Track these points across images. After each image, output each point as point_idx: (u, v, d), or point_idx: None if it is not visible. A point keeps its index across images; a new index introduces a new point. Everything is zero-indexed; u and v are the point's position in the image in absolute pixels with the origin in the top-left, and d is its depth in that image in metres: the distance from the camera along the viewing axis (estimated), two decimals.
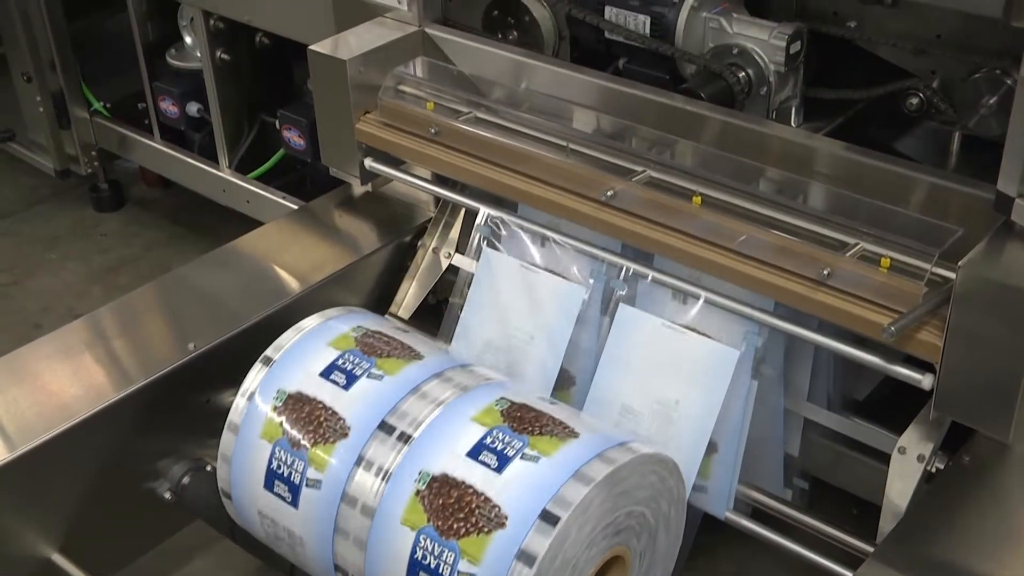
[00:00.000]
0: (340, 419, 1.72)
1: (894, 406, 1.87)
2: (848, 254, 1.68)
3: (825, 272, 1.68)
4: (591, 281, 1.96)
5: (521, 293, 2.01)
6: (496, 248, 2.07)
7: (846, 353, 1.72)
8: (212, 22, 2.90)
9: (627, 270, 1.92)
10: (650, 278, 1.89)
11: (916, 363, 1.67)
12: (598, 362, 1.94)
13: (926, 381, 1.65)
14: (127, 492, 1.96)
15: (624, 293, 1.92)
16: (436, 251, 2.27)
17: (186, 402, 1.98)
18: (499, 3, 2.35)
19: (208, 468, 1.98)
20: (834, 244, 1.71)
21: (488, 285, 2.06)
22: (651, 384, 1.87)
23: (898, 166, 1.81)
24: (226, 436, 1.82)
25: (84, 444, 1.85)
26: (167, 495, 1.98)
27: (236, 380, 1.86)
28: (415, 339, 1.89)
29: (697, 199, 1.82)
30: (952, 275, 1.58)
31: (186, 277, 2.27)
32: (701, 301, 1.84)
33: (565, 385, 2.01)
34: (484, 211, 2.10)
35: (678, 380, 1.85)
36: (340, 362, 1.79)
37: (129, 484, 1.96)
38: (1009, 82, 1.87)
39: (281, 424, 1.76)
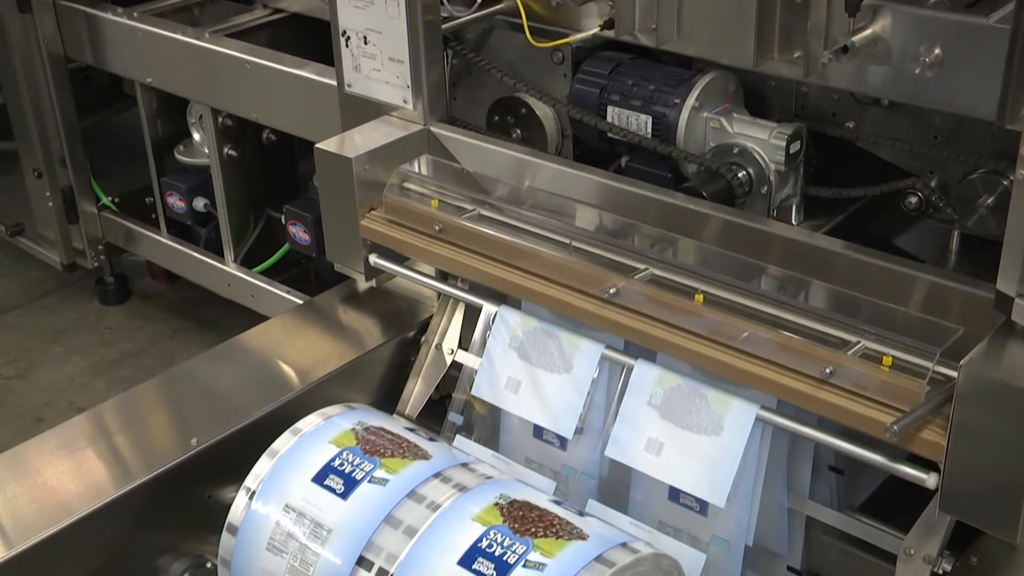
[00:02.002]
0: (328, 530, 1.73)
1: (899, 504, 1.85)
2: (850, 352, 1.69)
3: (827, 370, 1.68)
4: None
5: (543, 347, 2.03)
6: (498, 345, 2.07)
7: (849, 452, 1.72)
8: (221, 119, 2.96)
9: (630, 368, 1.92)
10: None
11: (920, 462, 1.66)
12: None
13: (931, 480, 1.64)
14: None
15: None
16: (439, 347, 2.27)
17: (187, 498, 1.97)
18: (503, 102, 2.39)
19: (208, 565, 1.97)
20: (836, 342, 1.71)
21: (507, 338, 2.07)
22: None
23: (898, 265, 1.82)
24: (225, 538, 1.81)
25: (84, 541, 1.84)
26: None
27: (239, 476, 1.85)
28: (416, 437, 1.89)
29: (699, 297, 1.83)
30: (954, 374, 1.58)
31: (189, 372, 2.27)
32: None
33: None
34: (487, 307, 2.11)
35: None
36: (338, 463, 1.79)
37: None
38: (1006, 183, 1.89)
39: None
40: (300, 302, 2.82)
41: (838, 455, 1.86)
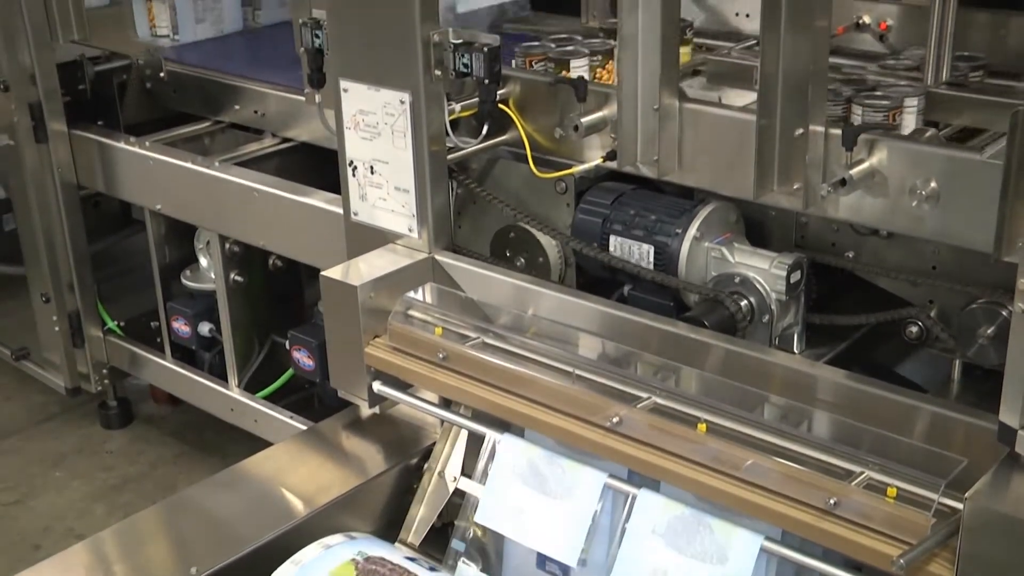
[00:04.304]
0: None
1: None
2: (854, 483, 1.68)
3: (832, 501, 1.68)
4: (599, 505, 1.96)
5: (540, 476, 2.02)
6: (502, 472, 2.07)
7: None
8: (227, 245, 2.99)
9: (633, 497, 1.91)
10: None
11: None
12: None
13: None
14: None
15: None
16: (442, 475, 2.27)
17: None
18: (507, 230, 2.43)
19: None
20: (839, 473, 1.71)
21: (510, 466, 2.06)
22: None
23: (900, 395, 1.83)
24: None
25: None
26: None
27: None
28: (417, 567, 1.87)
29: (702, 426, 1.83)
30: (960, 506, 1.57)
31: (191, 499, 2.26)
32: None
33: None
34: (491, 435, 2.11)
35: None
36: None
37: None
38: (1005, 313, 1.91)
39: None
40: (303, 428, 2.81)
41: None
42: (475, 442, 2.21)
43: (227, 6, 3.57)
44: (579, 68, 2.44)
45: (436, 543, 2.23)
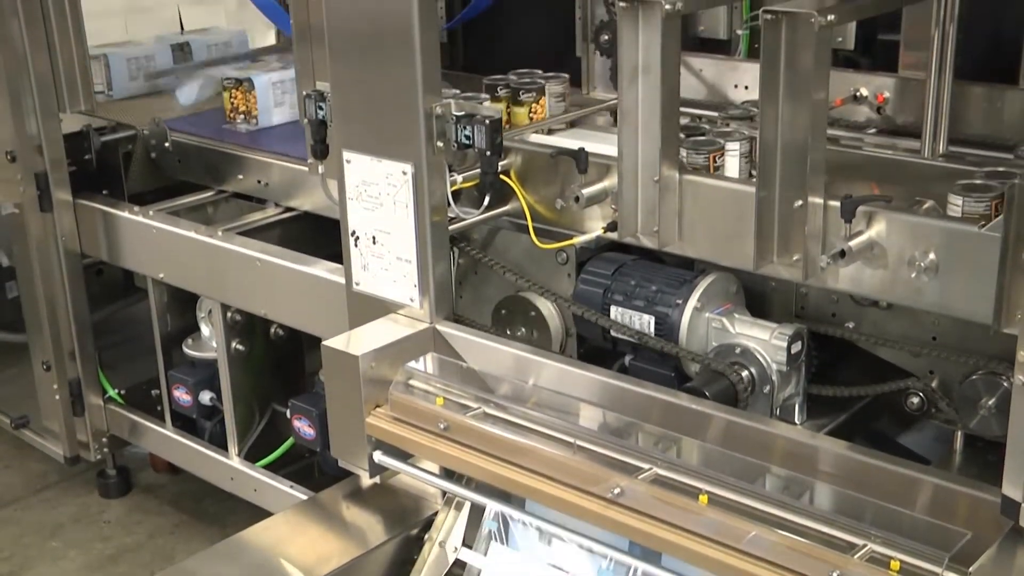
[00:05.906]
0: None
1: None
2: (856, 556, 1.67)
3: (835, 574, 1.66)
4: None
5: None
6: (503, 542, 2.05)
7: None
8: (229, 314, 3.00)
9: (635, 570, 1.90)
10: None
11: None
12: None
13: None
14: None
15: None
16: (443, 545, 2.25)
17: None
18: (508, 301, 2.44)
19: None
20: (842, 545, 1.70)
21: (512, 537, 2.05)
22: None
23: (902, 467, 1.82)
24: None
25: None
26: None
27: None
28: None
29: (704, 498, 1.82)
30: None
31: (189, 570, 2.25)
32: None
33: None
34: (491, 506, 2.10)
35: None
36: None
37: None
38: (1006, 383, 1.91)
39: None
40: (303, 497, 2.80)
41: None
42: (476, 512, 2.20)
43: (160, 64, 3.68)
44: None
45: None
